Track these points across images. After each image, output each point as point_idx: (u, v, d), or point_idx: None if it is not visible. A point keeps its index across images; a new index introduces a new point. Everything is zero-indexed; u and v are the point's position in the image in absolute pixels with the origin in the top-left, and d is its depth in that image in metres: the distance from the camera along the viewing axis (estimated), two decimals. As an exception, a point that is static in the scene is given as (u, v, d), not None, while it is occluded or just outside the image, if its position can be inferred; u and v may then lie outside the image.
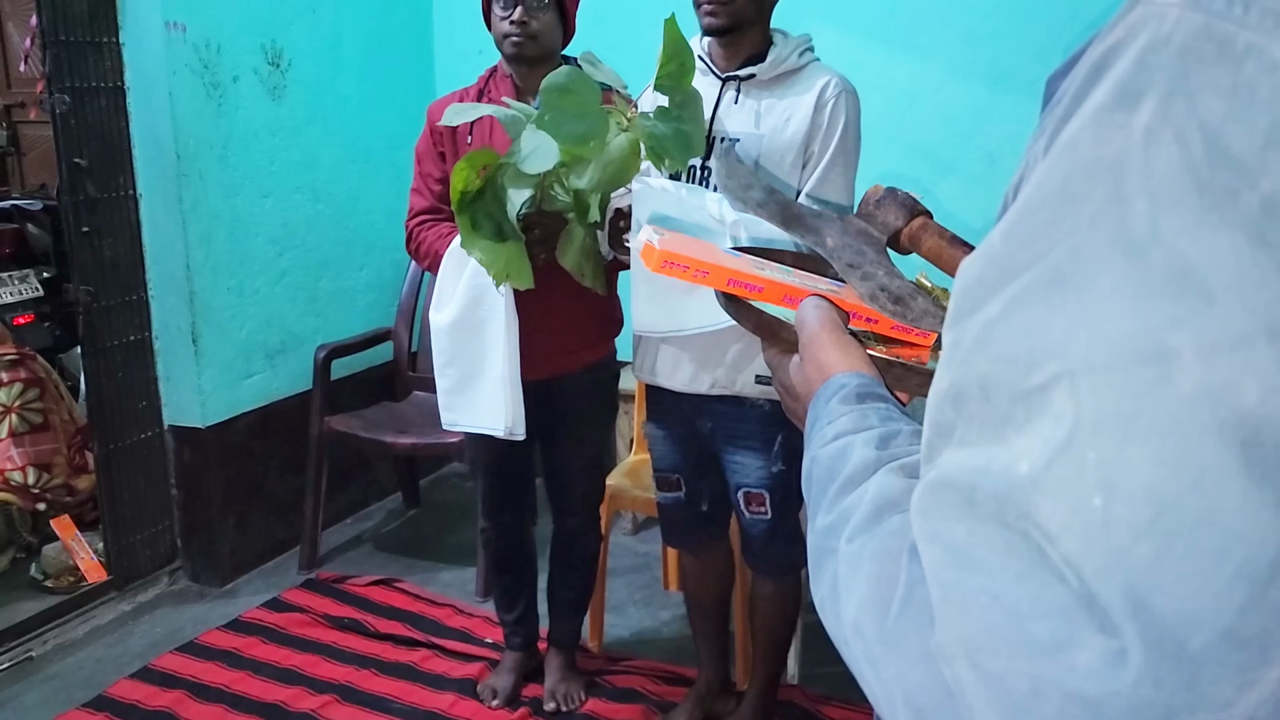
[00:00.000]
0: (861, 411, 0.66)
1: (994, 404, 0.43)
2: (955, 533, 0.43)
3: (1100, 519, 0.39)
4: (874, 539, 0.52)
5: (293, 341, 3.25)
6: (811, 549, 0.59)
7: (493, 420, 2.05)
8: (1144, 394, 0.38)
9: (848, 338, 0.75)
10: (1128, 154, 0.39)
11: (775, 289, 0.83)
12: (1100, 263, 0.40)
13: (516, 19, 2.05)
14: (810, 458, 0.66)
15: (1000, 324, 0.43)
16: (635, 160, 1.87)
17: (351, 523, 3.53)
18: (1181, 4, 0.39)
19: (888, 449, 0.61)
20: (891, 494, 0.54)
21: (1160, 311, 0.38)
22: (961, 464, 0.44)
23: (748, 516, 2.09)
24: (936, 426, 0.47)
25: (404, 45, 3.64)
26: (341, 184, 3.39)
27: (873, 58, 2.98)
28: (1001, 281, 0.44)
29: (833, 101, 1.94)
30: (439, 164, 2.15)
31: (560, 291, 2.02)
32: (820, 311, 0.77)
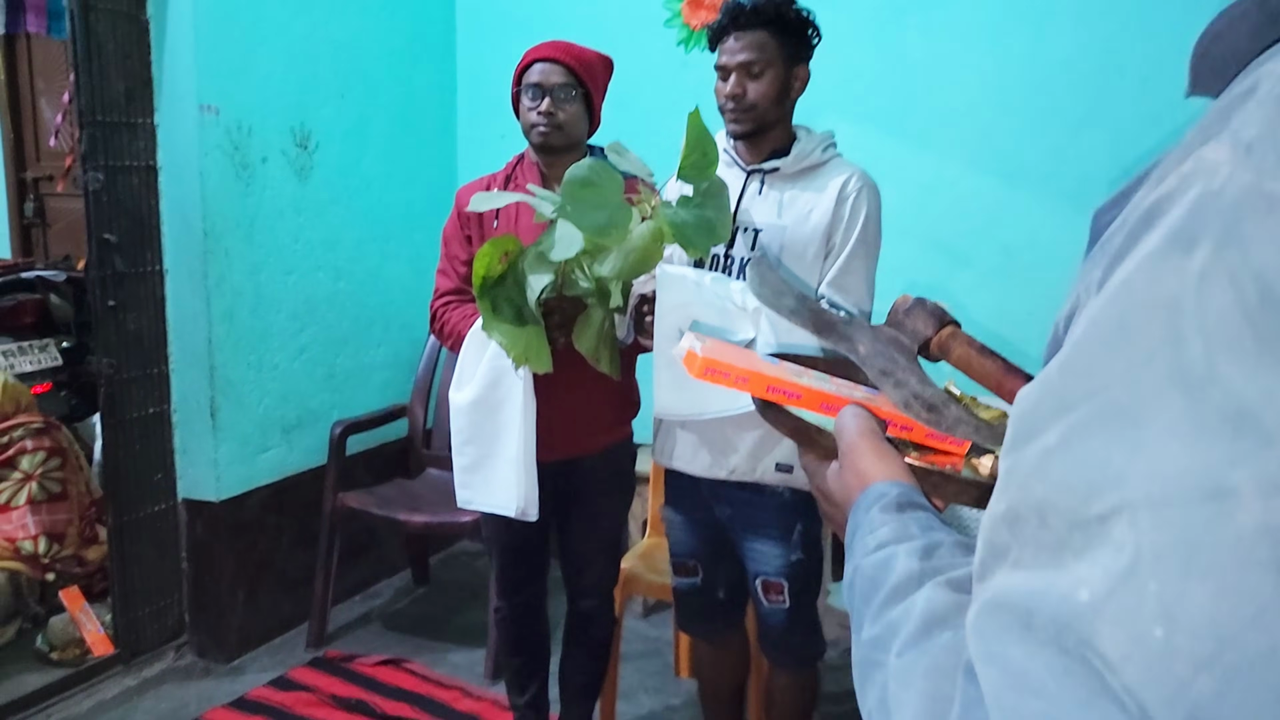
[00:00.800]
0: (903, 521, 0.67)
1: (1052, 530, 0.44)
2: (1013, 655, 0.43)
3: (1162, 650, 0.39)
4: (925, 655, 0.52)
5: (309, 417, 3.27)
6: (859, 660, 0.59)
7: (506, 500, 2.05)
8: (1204, 529, 0.39)
9: (886, 446, 0.76)
10: (1183, 296, 0.41)
11: (813, 396, 0.84)
12: (1158, 399, 0.41)
13: (544, 109, 2.10)
14: (853, 566, 0.66)
15: (1058, 453, 0.44)
16: (658, 248, 1.91)
17: (360, 600, 3.50)
18: (1233, 161, 0.42)
19: (931, 560, 0.61)
20: (940, 609, 0.55)
21: (1219, 449, 0.39)
22: (1018, 586, 0.44)
23: (766, 605, 2.08)
24: (991, 547, 0.47)
25: (428, 129, 3.72)
26: (362, 262, 3.45)
27: (890, 152, 3.04)
28: (1059, 411, 0.45)
29: (854, 195, 1.98)
30: (465, 246, 2.19)
31: (578, 374, 2.04)
32: (859, 420, 0.78)
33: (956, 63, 2.99)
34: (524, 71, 2.14)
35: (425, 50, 3.67)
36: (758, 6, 1.94)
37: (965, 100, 2.99)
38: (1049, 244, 2.93)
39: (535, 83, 2.11)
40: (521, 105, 2.15)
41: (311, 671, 2.98)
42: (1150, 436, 0.41)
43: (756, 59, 1.95)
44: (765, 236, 2.01)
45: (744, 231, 2.04)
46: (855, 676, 0.59)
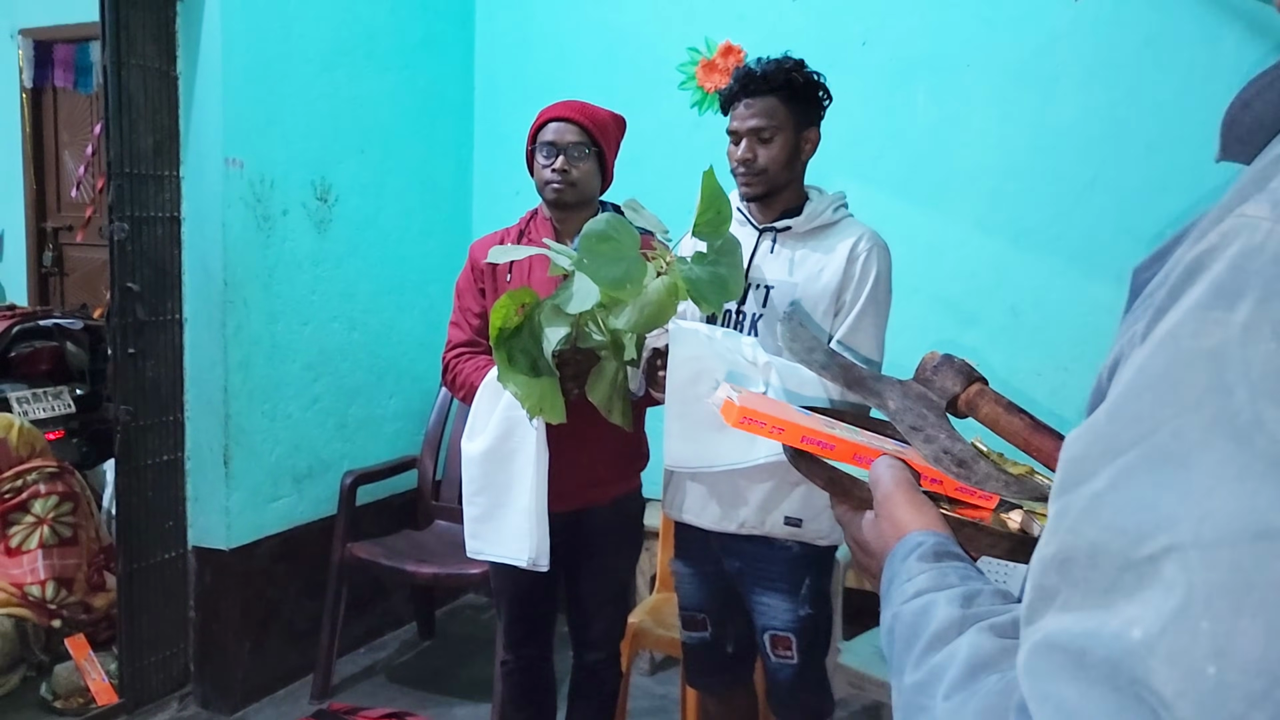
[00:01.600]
0: (940, 570, 0.68)
1: (1102, 571, 0.46)
2: (1067, 694, 0.45)
3: (1214, 687, 0.41)
4: (974, 697, 0.54)
5: (320, 466, 3.29)
6: (902, 705, 0.61)
7: (517, 551, 2.06)
8: (1254, 569, 0.41)
9: (922, 496, 0.78)
10: (1228, 347, 0.44)
11: (846, 447, 0.86)
12: (1205, 444, 0.43)
13: (558, 167, 2.16)
14: (892, 614, 0.67)
15: (1108, 496, 0.46)
16: (672, 303, 1.94)
17: (365, 652, 3.49)
18: (1273, 218, 0.44)
19: (972, 608, 0.63)
20: (985, 654, 0.56)
21: (1266, 493, 0.42)
22: (1070, 627, 0.46)
23: (773, 660, 2.07)
24: (1040, 590, 0.49)
25: (444, 185, 3.79)
26: (377, 314, 3.49)
27: (899, 212, 3.09)
28: (1108, 457, 0.47)
29: (865, 255, 2.02)
30: (479, 299, 2.23)
31: (590, 426, 2.06)
32: (895, 470, 0.79)
33: (964, 126, 3.06)
34: (539, 130, 2.20)
35: (444, 108, 3.76)
36: (768, 74, 1.99)
37: (973, 163, 3.05)
38: (1055, 305, 2.96)
39: (550, 141, 2.17)
40: (536, 163, 2.21)
41: (315, 724, 2.96)
42: (1198, 480, 0.43)
43: (767, 125, 2.00)
44: (776, 294, 2.05)
45: (756, 288, 2.07)
46: (898, 715, 0.61)
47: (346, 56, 3.27)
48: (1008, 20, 2.99)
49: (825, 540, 2.04)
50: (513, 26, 3.79)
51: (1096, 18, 2.90)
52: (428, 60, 3.65)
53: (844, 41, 3.19)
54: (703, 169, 1.91)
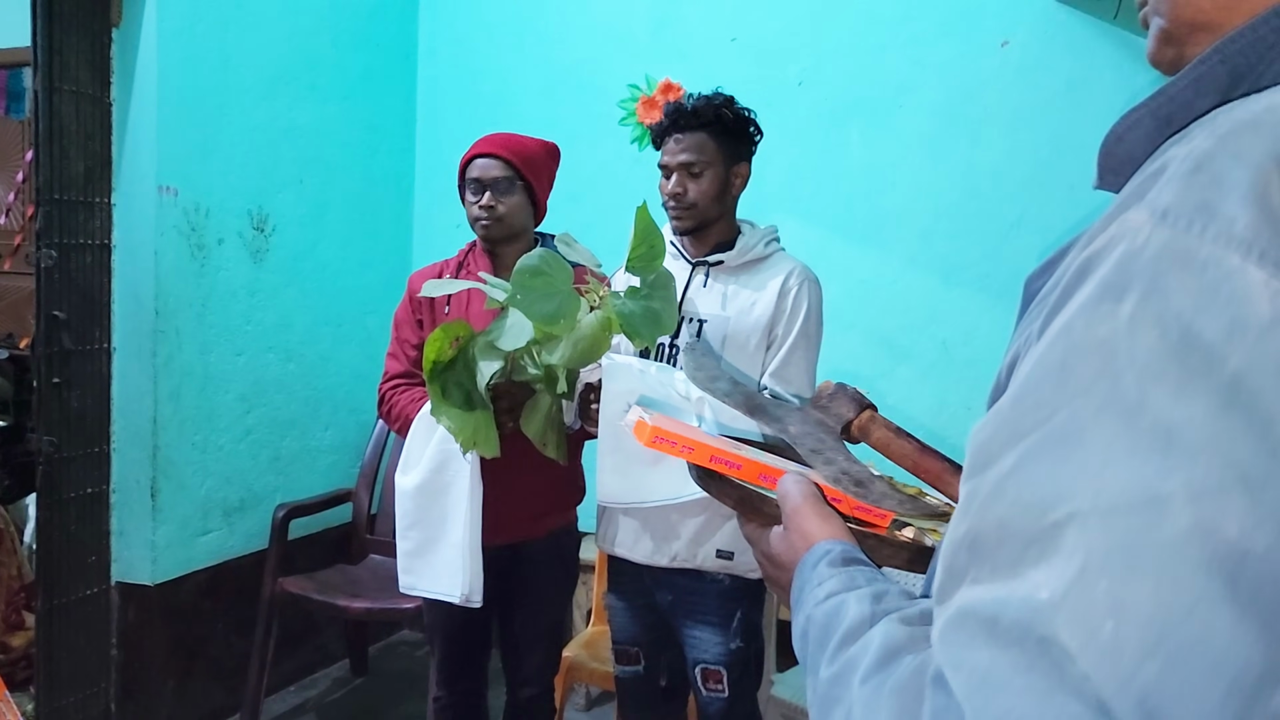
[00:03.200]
0: (849, 573, 0.72)
1: (1010, 544, 0.49)
2: (980, 658, 0.48)
3: (1112, 641, 0.45)
4: (890, 678, 0.56)
5: (252, 499, 3.23)
6: (818, 700, 0.63)
7: (450, 586, 2.04)
8: (1143, 532, 0.46)
9: (828, 508, 0.82)
10: (1116, 337, 0.48)
11: (752, 467, 0.89)
12: (1098, 424, 0.48)
13: (484, 203, 2.16)
14: (805, 616, 0.70)
15: (1012, 476, 0.51)
16: (606, 338, 1.95)
17: (295, 690, 3.42)
18: (1151, 223, 0.49)
19: (881, 604, 0.66)
20: (897, 640, 0.59)
21: (1151, 464, 0.46)
22: (981, 598, 0.50)
23: (704, 694, 2.07)
24: (950, 569, 0.53)
25: (384, 216, 3.78)
26: (314, 345, 3.46)
27: (834, 249, 3.15)
28: (1012, 440, 0.51)
29: (796, 289, 2.05)
30: (416, 331, 2.22)
31: (524, 459, 2.06)
32: (801, 485, 0.83)
33: (897, 166, 3.13)
34: (466, 165, 2.21)
35: (385, 140, 3.75)
36: (698, 109, 2.03)
37: (905, 202, 3.12)
38: (984, 339, 3.03)
39: (475, 178, 2.18)
40: (465, 198, 2.21)
41: (242, 764, 2.88)
42: (1093, 456, 0.48)
43: (696, 160, 2.03)
44: (709, 327, 2.07)
45: (689, 322, 2.09)
46: (815, 715, 0.63)
47: (286, 86, 3.26)
48: (938, 64, 3.08)
49: (757, 573, 2.05)
50: (455, 60, 3.81)
51: (1021, 63, 2.99)
52: (369, 92, 3.65)
53: (780, 82, 3.26)
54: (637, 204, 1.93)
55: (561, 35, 3.62)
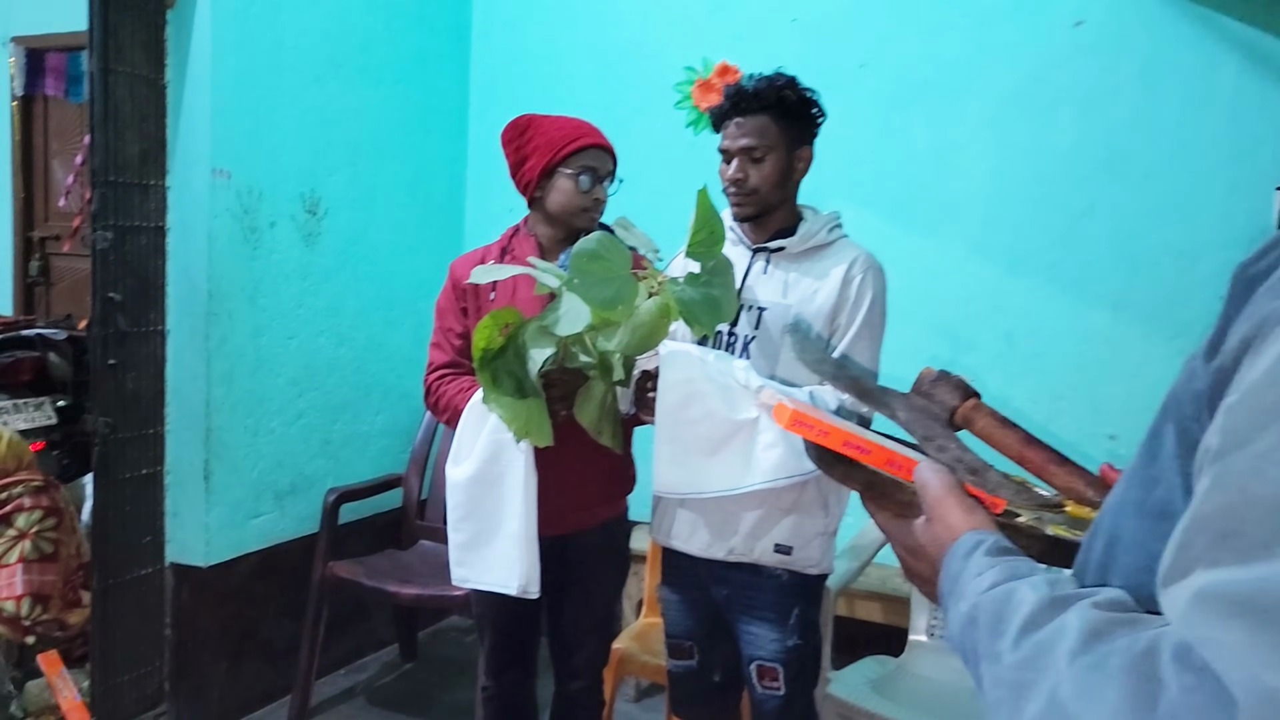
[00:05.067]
0: (1010, 563, 0.72)
1: (1270, 523, 0.50)
2: (1236, 637, 0.49)
3: None
4: (1110, 656, 0.56)
5: (303, 483, 3.24)
6: (1005, 683, 0.63)
7: (506, 578, 2.00)
8: None
9: (971, 500, 0.81)
10: None
11: (880, 453, 0.87)
12: None
13: (599, 197, 2.13)
14: (971, 604, 0.70)
15: (1272, 455, 0.51)
16: (664, 324, 1.90)
17: (345, 674, 3.43)
18: None
19: (1057, 590, 0.66)
20: (1099, 623, 0.59)
21: None
22: (1235, 578, 0.51)
23: (760, 691, 2.02)
24: (1191, 548, 0.54)
25: (437, 200, 3.76)
26: (365, 329, 3.45)
27: (895, 236, 3.06)
28: (1271, 418, 0.52)
29: (860, 276, 1.99)
30: (460, 319, 2.18)
31: (577, 448, 2.01)
32: (943, 475, 0.82)
33: (961, 151, 3.03)
34: (574, 153, 2.11)
35: (437, 123, 3.73)
36: (759, 91, 1.96)
37: (969, 188, 3.02)
38: (1050, 332, 2.93)
39: (592, 167, 2.11)
40: (562, 184, 2.11)
41: (292, 747, 2.89)
42: None
43: (758, 144, 1.97)
44: (769, 315, 2.01)
45: (748, 310, 2.04)
46: (999, 697, 0.63)
47: (339, 68, 3.24)
48: (1005, 45, 2.98)
49: (815, 569, 2.00)
50: (509, 42, 3.77)
51: (1095, 44, 2.88)
52: (422, 74, 3.62)
53: (842, 64, 3.17)
54: (697, 189, 1.88)
55: (616, 16, 3.56)
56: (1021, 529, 0.83)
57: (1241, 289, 0.63)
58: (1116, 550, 0.70)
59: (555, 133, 2.13)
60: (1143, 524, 0.68)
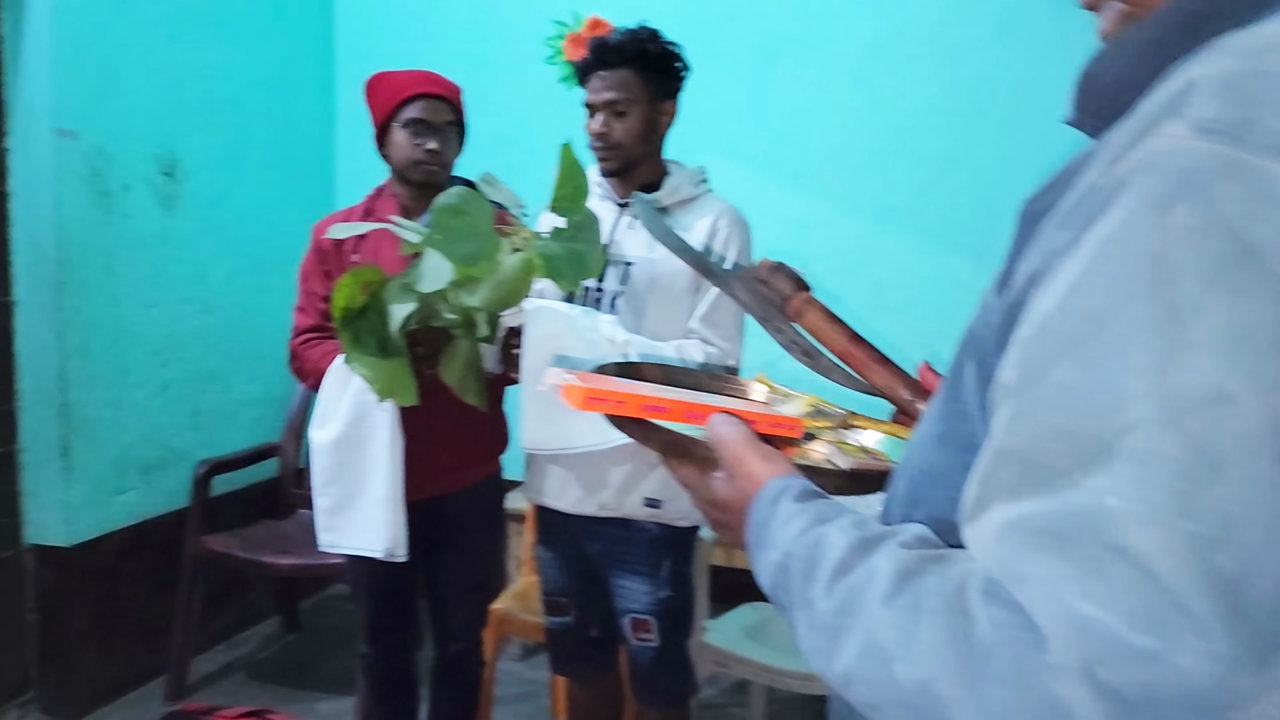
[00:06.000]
0: (815, 506, 0.71)
1: (1071, 452, 0.51)
2: (1046, 569, 0.50)
3: (1188, 539, 0.47)
4: (922, 596, 0.57)
5: (172, 456, 3.13)
6: (819, 629, 0.63)
7: (373, 541, 1.98)
8: (1213, 430, 0.48)
9: (767, 447, 0.80)
10: (1171, 246, 0.50)
11: (679, 408, 0.86)
12: (1157, 329, 0.50)
13: (433, 148, 2.08)
14: (782, 552, 0.69)
15: (1071, 384, 0.52)
16: (528, 280, 1.88)
17: (225, 649, 3.34)
18: (1192, 135, 0.51)
19: (865, 532, 0.66)
20: (908, 563, 0.60)
21: (1216, 364, 0.48)
22: (1039, 509, 0.51)
23: (634, 643, 2.05)
24: (993, 482, 0.55)
25: (304, 160, 3.64)
26: (233, 296, 3.33)
27: (765, 189, 3.09)
28: (1066, 350, 0.53)
29: (725, 231, 2.00)
30: (324, 282, 2.12)
31: (445, 409, 1.98)
32: (734, 427, 0.81)
33: (827, 105, 3.07)
34: (402, 105, 2.09)
35: (302, 80, 3.60)
36: (620, 45, 1.95)
37: (837, 141, 3.07)
38: (917, 281, 3.01)
39: (421, 119, 2.08)
40: (396, 139, 2.10)
41: (168, 726, 2.81)
42: (1154, 360, 0.49)
43: (621, 98, 1.96)
44: (636, 270, 2.01)
45: (615, 265, 2.03)
46: (815, 644, 0.64)
47: (193, 23, 3.10)
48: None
49: (685, 521, 2.02)
50: (375, -4, 3.65)
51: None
52: (284, 28, 3.49)
53: (710, 17, 3.17)
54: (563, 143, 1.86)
55: (485, -31, 3.48)
56: (819, 468, 0.84)
57: (1027, 224, 0.64)
58: (923, 484, 0.72)
59: (388, 87, 2.12)
60: (948, 457, 0.69)
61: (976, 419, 0.67)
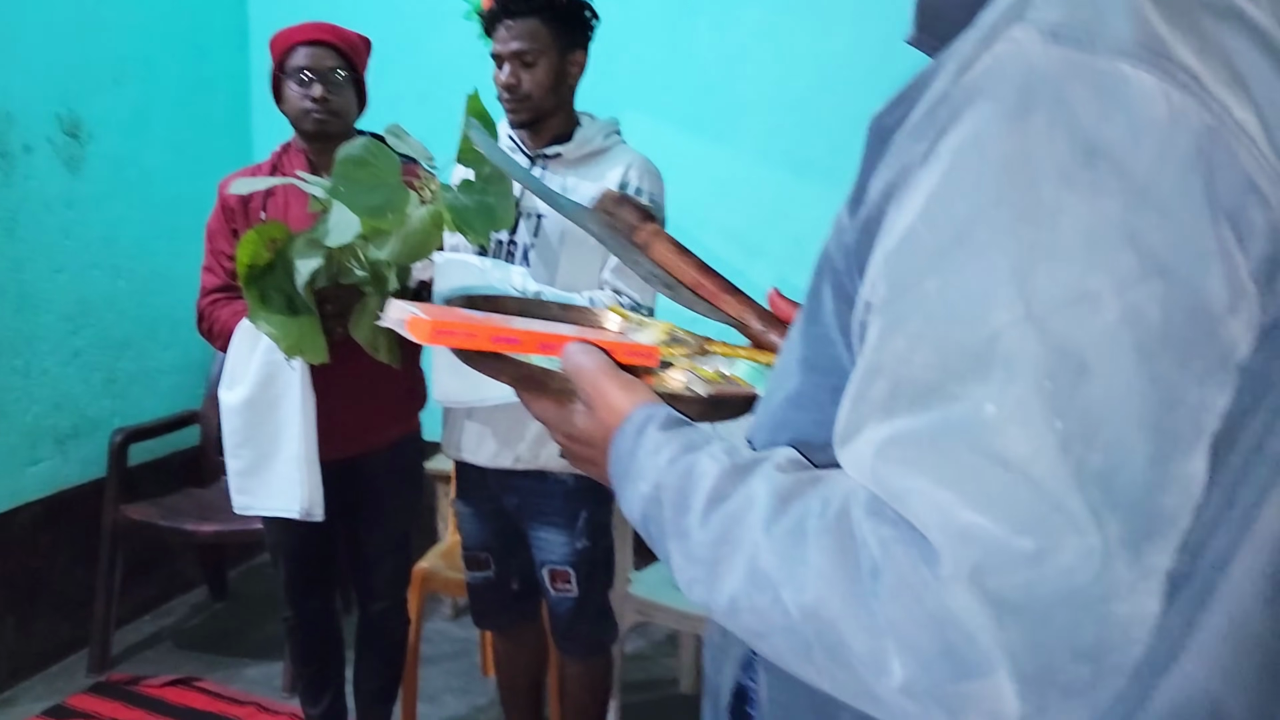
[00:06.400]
0: (683, 434, 0.69)
1: (943, 364, 0.51)
2: (926, 483, 0.50)
3: (1060, 439, 0.47)
4: (806, 519, 0.56)
5: (87, 425, 3.06)
6: (698, 560, 0.61)
7: (289, 502, 1.96)
8: (1078, 329, 0.48)
9: (628, 375, 0.76)
10: (1026, 150, 0.50)
11: (532, 338, 0.82)
12: (1017, 233, 0.50)
13: (318, 95, 2.03)
14: (651, 484, 0.67)
15: (937, 295, 0.52)
16: (437, 233, 1.87)
17: (151, 619, 3.30)
18: (1043, 41, 0.52)
19: (736, 458, 0.64)
20: (785, 486, 0.59)
21: (1077, 264, 0.49)
22: (916, 424, 0.51)
23: (553, 595, 2.06)
24: (866, 400, 0.54)
25: (218, 119, 3.54)
26: (147, 260, 3.25)
27: (685, 144, 3.08)
28: (931, 260, 0.52)
29: (636, 182, 1.99)
30: (231, 241, 2.08)
31: (358, 367, 1.97)
32: (591, 355, 0.77)
33: (745, 58, 3.06)
34: (286, 54, 2.06)
35: (214, 37, 3.50)
36: None
37: (754, 95, 3.06)
38: (838, 235, 3.03)
39: (304, 67, 2.04)
40: (287, 92, 2.07)
41: (92, 698, 2.78)
42: (1017, 264, 0.49)
43: (529, 48, 1.93)
44: (548, 223, 2.00)
45: (527, 218, 2.02)
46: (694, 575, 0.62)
47: (93, -24, 2.99)
48: (786, -50, 3.00)
49: (603, 471, 2.02)
50: (286, -50, 3.55)
51: (869, -51, 2.94)
52: (191, -16, 3.38)
53: (628, -30, 3.14)
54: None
55: (400, -79, 3.40)
56: (680, 395, 0.81)
57: (877, 140, 0.64)
58: (789, 409, 0.71)
59: (279, 39, 2.11)
60: (813, 381, 0.69)
61: (838, 342, 0.66)
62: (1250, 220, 0.50)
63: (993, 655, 0.47)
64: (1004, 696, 0.48)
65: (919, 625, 0.49)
